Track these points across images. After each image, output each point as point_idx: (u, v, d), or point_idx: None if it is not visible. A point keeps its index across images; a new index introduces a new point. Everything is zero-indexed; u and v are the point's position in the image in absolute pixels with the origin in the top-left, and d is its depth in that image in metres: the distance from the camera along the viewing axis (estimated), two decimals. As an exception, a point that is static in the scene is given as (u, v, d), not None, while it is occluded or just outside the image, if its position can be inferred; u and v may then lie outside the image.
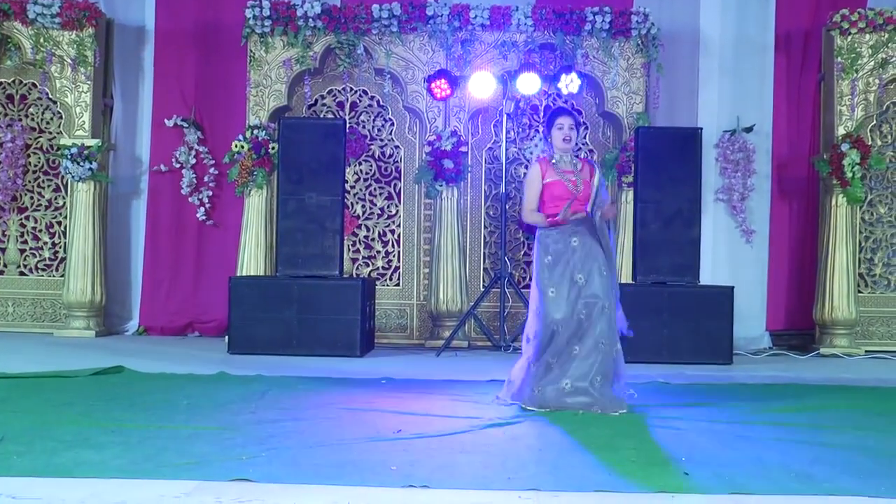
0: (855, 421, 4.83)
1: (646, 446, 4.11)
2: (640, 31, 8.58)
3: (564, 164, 5.23)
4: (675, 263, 7.84)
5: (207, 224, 9.20)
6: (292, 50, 8.74)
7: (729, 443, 4.21)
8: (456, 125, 8.76)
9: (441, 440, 4.15)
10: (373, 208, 9.13)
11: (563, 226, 5.14)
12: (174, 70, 9.27)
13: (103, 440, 3.93)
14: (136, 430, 4.17)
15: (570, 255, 5.10)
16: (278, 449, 3.84)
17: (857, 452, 4.00)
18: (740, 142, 8.86)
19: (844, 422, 4.79)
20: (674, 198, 7.87)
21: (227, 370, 6.34)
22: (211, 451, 3.77)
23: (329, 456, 3.74)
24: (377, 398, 5.32)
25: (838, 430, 4.52)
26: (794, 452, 3.99)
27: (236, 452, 3.75)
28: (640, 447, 4.07)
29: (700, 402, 5.36)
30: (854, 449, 4.07)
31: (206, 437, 4.07)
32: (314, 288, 7.69)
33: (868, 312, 8.87)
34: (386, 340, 8.85)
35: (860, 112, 8.57)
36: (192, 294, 9.27)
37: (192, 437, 4.06)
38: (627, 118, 8.68)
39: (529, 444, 4.14)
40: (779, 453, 3.97)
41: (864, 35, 8.54)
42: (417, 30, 8.75)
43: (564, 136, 5.20)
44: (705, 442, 4.23)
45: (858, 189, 8.44)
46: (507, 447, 4.05)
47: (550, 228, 5.17)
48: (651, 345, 7.51)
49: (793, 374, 6.98)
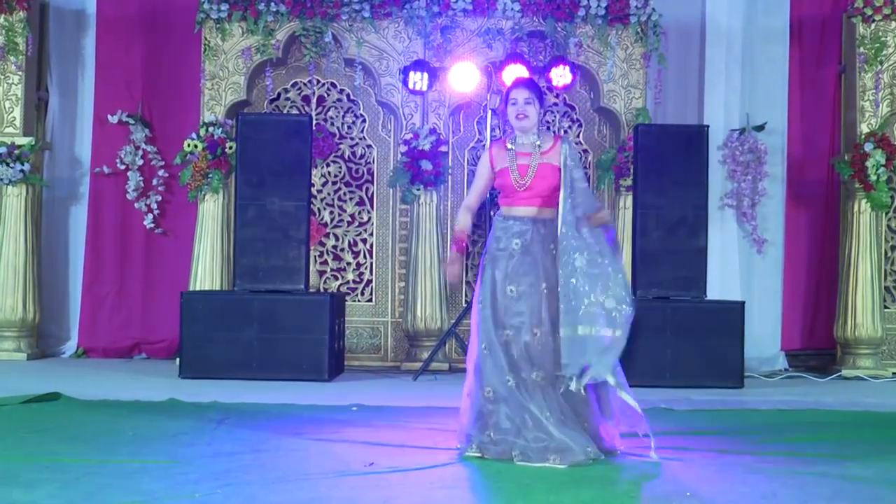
0: (880, 451, 4.86)
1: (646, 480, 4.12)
2: (639, 17, 8.63)
3: (524, 147, 4.81)
4: (680, 276, 7.87)
5: (156, 233, 9.17)
6: (252, 38, 8.73)
7: (739, 476, 4.23)
8: (435, 122, 8.78)
9: (418, 474, 4.16)
10: (342, 215, 9.13)
11: (510, 220, 4.79)
12: (119, 60, 9.24)
13: (36, 477, 3.91)
14: (74, 465, 4.14)
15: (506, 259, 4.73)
16: (236, 485, 3.83)
17: (883, 486, 4.03)
18: (751, 141, 8.91)
19: (868, 452, 4.82)
20: (677, 203, 7.91)
21: (178, 396, 6.32)
22: (159, 487, 3.76)
23: (293, 493, 3.74)
24: (347, 427, 5.31)
25: (861, 462, 4.55)
26: (812, 487, 4.01)
27: (188, 489, 3.73)
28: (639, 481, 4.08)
29: (708, 431, 5.39)
30: (879, 483, 4.10)
31: (155, 472, 4.05)
32: (276, 304, 7.67)
33: (895, 330, 8.93)
34: (357, 362, 8.83)
35: (885, 108, 8.64)
36: (138, 311, 9.22)
37: (138, 472, 4.04)
38: (626, 114, 8.72)
39: (516, 479, 4.14)
40: (795, 488, 3.98)
41: (889, 22, 8.60)
42: (392, 15, 8.77)
43: (518, 112, 4.77)
44: (713, 475, 4.25)
45: (884, 193, 8.51)
46: (491, 482, 4.06)
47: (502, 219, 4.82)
48: (653, 366, 7.53)
49: (811, 398, 7.01)
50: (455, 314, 8.63)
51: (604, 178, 8.75)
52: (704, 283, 7.91)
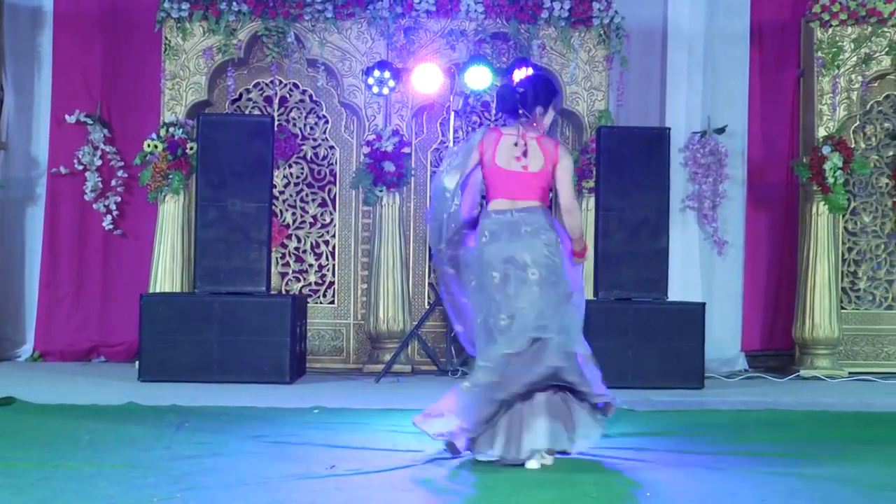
0: (836, 450, 4.92)
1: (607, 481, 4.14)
2: (602, 19, 8.67)
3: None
4: (641, 278, 7.92)
5: (115, 234, 9.09)
6: (214, 37, 8.69)
7: (700, 476, 4.26)
8: (398, 123, 8.78)
9: (380, 477, 4.15)
10: (304, 216, 9.10)
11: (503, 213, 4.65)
12: (77, 58, 9.16)
13: (-9, 482, 3.86)
14: (28, 471, 4.09)
15: None
16: (195, 489, 3.80)
17: (839, 485, 4.08)
18: (711, 144, 8.98)
19: (825, 451, 4.88)
20: (639, 205, 7.96)
21: (137, 400, 6.26)
22: (117, 492, 3.72)
23: (253, 496, 3.72)
24: (308, 430, 5.29)
25: (818, 461, 4.60)
26: (770, 486, 4.05)
27: (147, 493, 3.70)
28: (600, 482, 4.10)
29: (668, 431, 5.42)
30: (835, 481, 4.15)
31: (112, 476, 4.01)
32: (238, 306, 7.64)
33: (852, 331, 9.03)
34: (319, 365, 8.81)
35: (842, 111, 8.76)
36: (97, 314, 9.15)
37: (95, 476, 4.00)
38: (588, 117, 8.76)
39: (478, 482, 4.15)
40: (754, 487, 4.03)
41: (845, 27, 8.73)
42: (355, 16, 8.76)
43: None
44: (673, 475, 4.28)
45: (841, 196, 8.61)
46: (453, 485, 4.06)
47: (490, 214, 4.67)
48: (614, 367, 7.51)
49: (770, 398, 7.09)
50: (417, 316, 8.62)
51: (566, 181, 8.77)
52: (666, 285, 7.96)
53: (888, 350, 9.09)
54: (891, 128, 9.15)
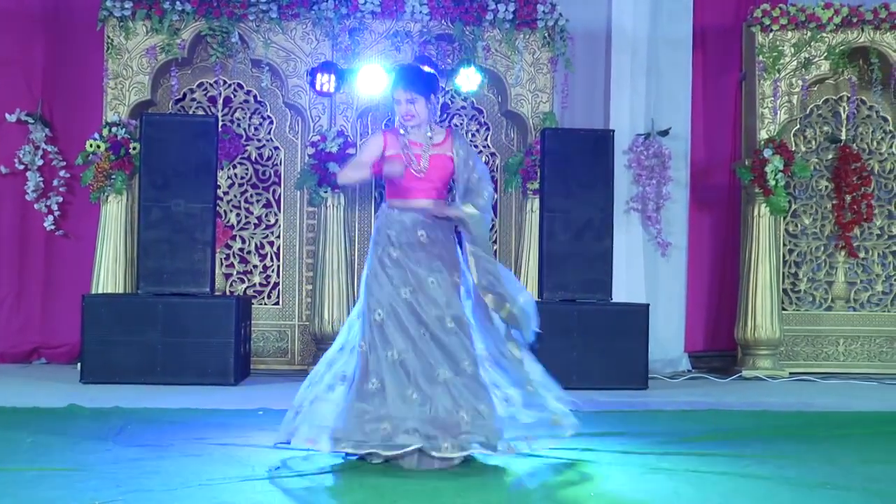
0: (777, 449, 5.00)
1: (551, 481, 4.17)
2: (546, 22, 8.73)
3: (416, 136, 4.64)
4: (586, 279, 7.98)
5: (57, 234, 8.98)
6: (157, 37, 8.61)
7: (642, 476, 4.31)
8: (343, 124, 8.76)
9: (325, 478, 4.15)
10: (249, 217, 9.05)
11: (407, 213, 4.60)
12: (17, 57, 9.02)
13: (-72, 486, 3.80)
14: (-32, 474, 4.04)
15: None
16: (138, 492, 3.78)
17: (778, 483, 4.14)
18: (655, 146, 9.06)
19: (766, 451, 4.95)
20: (583, 207, 8.02)
21: (78, 402, 6.19)
22: (59, 495, 3.69)
23: (196, 499, 3.70)
24: (253, 432, 5.27)
25: (759, 460, 4.67)
26: (712, 485, 4.11)
27: (88, 496, 3.67)
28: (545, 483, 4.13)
29: (612, 432, 5.46)
30: (774, 480, 4.21)
31: (54, 479, 3.97)
32: (181, 307, 7.59)
33: (793, 331, 9.17)
34: (264, 366, 8.76)
35: (783, 115, 8.89)
36: (38, 315, 9.03)
37: (36, 479, 3.96)
38: (533, 118, 8.81)
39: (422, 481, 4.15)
40: (696, 486, 4.08)
41: (786, 32, 8.87)
42: (300, 16, 8.73)
43: (403, 114, 4.61)
44: (617, 475, 4.32)
45: (782, 198, 8.74)
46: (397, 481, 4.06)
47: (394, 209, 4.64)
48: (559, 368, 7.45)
49: (713, 399, 7.18)
50: (363, 317, 8.59)
51: (511, 182, 8.83)
52: (610, 286, 8.03)
53: (828, 350, 9.24)
54: (830, 131, 9.32)
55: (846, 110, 9.29)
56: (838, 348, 9.25)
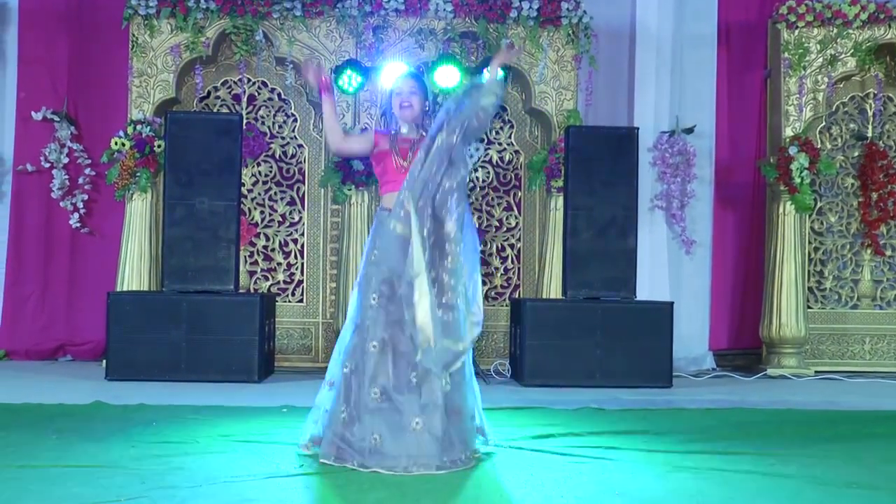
0: (802, 448, 4.96)
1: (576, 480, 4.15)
2: (570, 19, 8.70)
3: (406, 133, 4.81)
4: (610, 277, 7.95)
5: (82, 232, 9.02)
6: (181, 35, 8.64)
7: (667, 475, 4.29)
8: (367, 122, 8.76)
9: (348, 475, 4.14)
10: (273, 215, 9.07)
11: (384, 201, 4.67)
12: (43, 55, 9.07)
13: (-45, 482, 3.83)
14: (-6, 470, 4.06)
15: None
16: (163, 489, 3.79)
17: (804, 483, 4.11)
18: (680, 144, 9.03)
19: (791, 449, 4.91)
20: (607, 205, 7.99)
21: (103, 399, 6.22)
22: (84, 492, 3.70)
23: (221, 496, 3.71)
24: (277, 429, 5.27)
25: (784, 459, 4.64)
26: (737, 484, 4.09)
27: (114, 494, 3.68)
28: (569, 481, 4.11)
29: (636, 430, 5.44)
30: (800, 479, 4.19)
31: (78, 476, 3.98)
32: (206, 305, 7.61)
33: (818, 330, 9.12)
34: (288, 364, 8.78)
35: (809, 112, 8.83)
36: (63, 312, 9.08)
37: (61, 476, 3.97)
38: (557, 116, 8.79)
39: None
40: (720, 485, 4.05)
41: (812, 29, 8.81)
42: (324, 14, 8.74)
43: (402, 101, 4.79)
44: (641, 474, 4.30)
45: (808, 196, 8.69)
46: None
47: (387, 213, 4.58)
48: (583, 367, 7.62)
49: (737, 397, 7.14)
50: (386, 315, 8.59)
51: (535, 180, 8.81)
52: (634, 284, 8.00)
53: (853, 349, 9.19)
54: (856, 128, 9.25)
55: (872, 107, 9.23)
56: (864, 347, 9.19)
